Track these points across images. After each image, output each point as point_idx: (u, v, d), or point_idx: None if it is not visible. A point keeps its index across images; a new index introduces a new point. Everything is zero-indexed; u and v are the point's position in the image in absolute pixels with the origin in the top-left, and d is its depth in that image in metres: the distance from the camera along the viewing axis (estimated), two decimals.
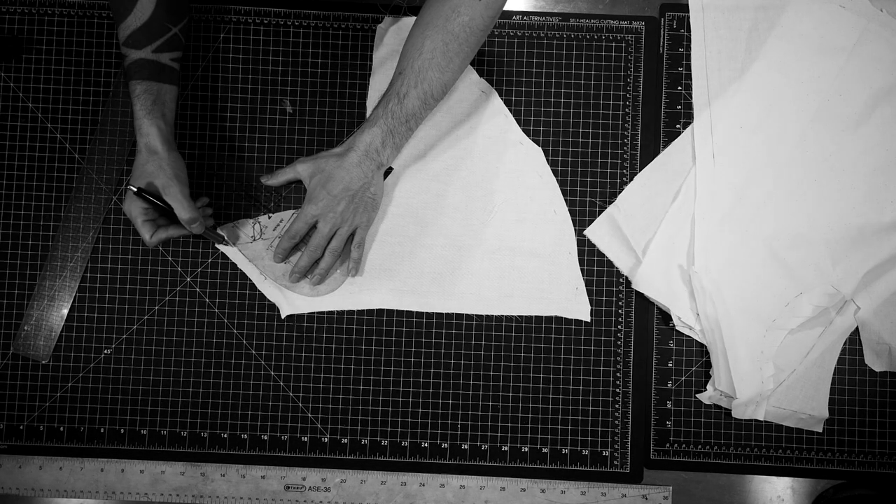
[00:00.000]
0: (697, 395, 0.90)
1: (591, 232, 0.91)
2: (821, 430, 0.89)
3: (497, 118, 0.92)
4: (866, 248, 0.89)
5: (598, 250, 0.91)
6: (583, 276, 0.91)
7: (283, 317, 0.91)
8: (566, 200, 0.92)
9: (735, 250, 0.89)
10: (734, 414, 0.88)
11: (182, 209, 0.82)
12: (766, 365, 0.88)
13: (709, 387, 0.89)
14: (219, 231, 0.89)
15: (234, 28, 0.93)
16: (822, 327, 0.89)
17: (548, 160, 0.92)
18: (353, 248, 0.88)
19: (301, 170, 0.86)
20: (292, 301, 0.91)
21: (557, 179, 0.92)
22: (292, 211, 0.91)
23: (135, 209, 0.83)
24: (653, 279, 0.89)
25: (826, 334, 0.89)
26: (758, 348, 0.88)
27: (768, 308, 0.89)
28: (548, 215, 0.91)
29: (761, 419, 0.89)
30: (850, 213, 0.89)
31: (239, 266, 0.91)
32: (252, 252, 0.90)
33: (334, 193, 0.84)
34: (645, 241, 0.90)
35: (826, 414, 0.89)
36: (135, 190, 0.82)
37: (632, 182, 0.91)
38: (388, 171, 0.92)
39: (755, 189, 0.90)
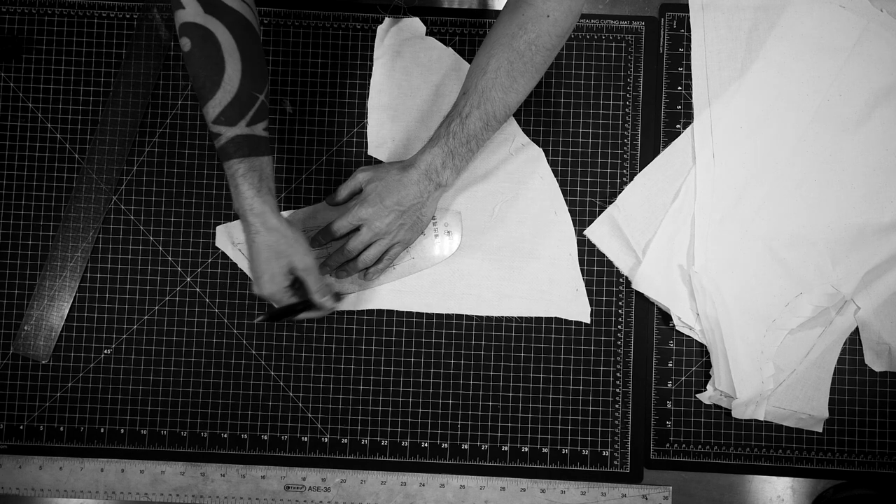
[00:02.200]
0: (697, 395, 0.90)
1: (590, 232, 0.91)
2: (821, 430, 0.89)
3: None
4: (866, 247, 0.89)
5: (598, 251, 0.91)
6: (583, 276, 0.91)
7: None
8: (566, 200, 0.92)
9: (735, 250, 0.89)
10: (734, 414, 0.88)
11: (315, 282, 0.81)
12: (766, 365, 0.88)
13: (709, 387, 0.89)
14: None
15: None
16: (822, 327, 0.89)
17: (548, 160, 0.92)
18: (381, 263, 0.87)
19: (361, 178, 0.84)
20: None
21: (558, 179, 0.92)
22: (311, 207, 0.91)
23: (276, 290, 0.80)
24: (653, 279, 0.89)
25: (826, 334, 0.89)
26: (758, 348, 0.88)
27: (768, 308, 0.89)
28: (548, 217, 0.91)
29: (761, 419, 0.89)
30: (850, 213, 0.89)
31: (239, 266, 0.91)
32: None
33: (386, 204, 0.82)
34: (645, 241, 0.90)
35: (826, 414, 0.89)
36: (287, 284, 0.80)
37: (632, 182, 0.91)
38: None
39: (755, 189, 0.90)
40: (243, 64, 0.77)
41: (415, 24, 0.92)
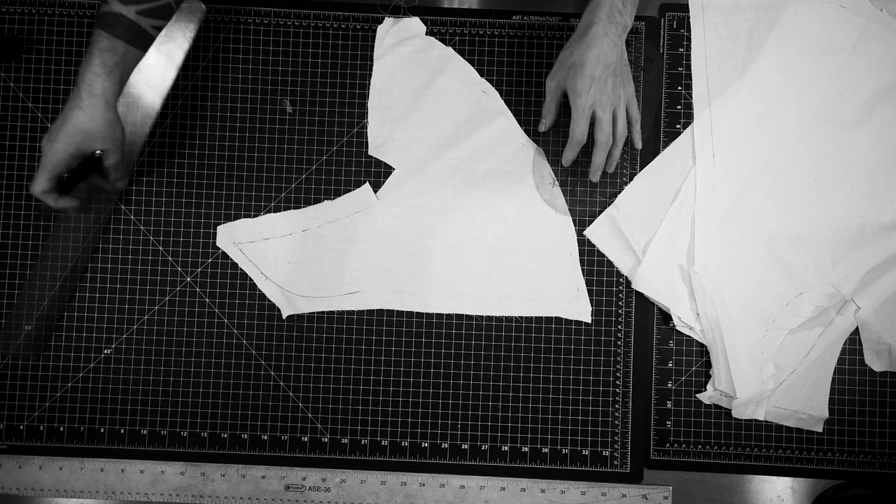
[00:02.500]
0: (697, 395, 0.90)
1: (590, 232, 0.91)
2: (821, 430, 0.89)
3: (498, 119, 0.92)
4: (866, 247, 0.89)
5: (599, 251, 0.91)
6: (583, 275, 0.91)
7: (284, 317, 0.91)
8: (566, 200, 0.92)
9: (735, 250, 0.89)
10: (734, 414, 0.88)
11: (117, 176, 0.81)
12: (766, 365, 0.88)
13: (709, 387, 0.89)
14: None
15: (234, 28, 0.93)
16: (822, 327, 0.89)
17: (548, 160, 0.92)
18: (633, 124, 0.85)
19: (552, 84, 0.82)
20: (293, 301, 0.91)
21: (558, 179, 0.92)
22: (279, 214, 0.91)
23: (54, 161, 0.77)
24: (653, 279, 0.89)
25: (826, 334, 0.89)
26: (758, 348, 0.88)
27: (768, 308, 0.89)
28: (549, 216, 0.91)
29: (761, 419, 0.89)
30: (851, 213, 0.89)
31: (240, 266, 0.91)
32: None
33: (597, 76, 0.79)
34: (645, 241, 0.90)
35: (826, 414, 0.89)
36: (98, 154, 0.78)
37: (632, 182, 0.91)
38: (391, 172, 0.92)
39: (755, 189, 0.90)
40: None
41: (415, 24, 0.92)
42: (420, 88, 0.92)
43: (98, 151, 0.79)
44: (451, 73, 0.92)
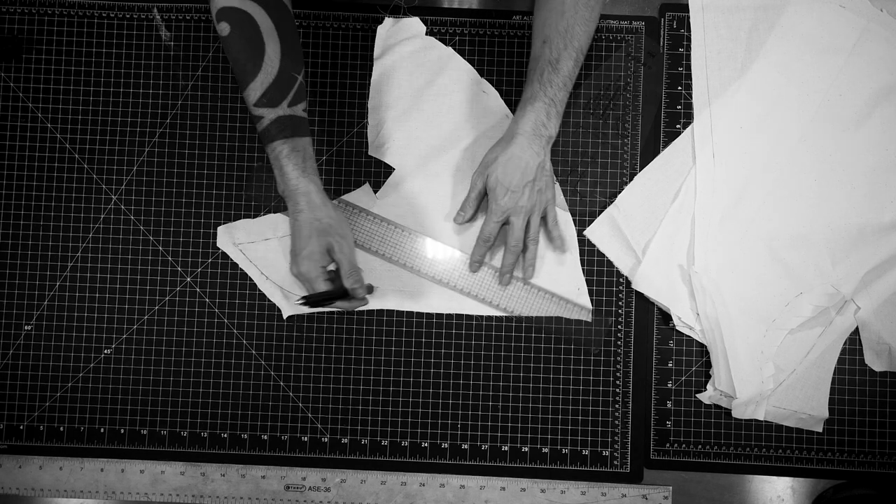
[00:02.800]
0: (697, 395, 0.90)
1: (590, 232, 0.91)
2: (821, 430, 0.89)
3: (499, 119, 0.92)
4: (866, 247, 0.89)
5: (599, 251, 0.91)
6: (583, 275, 0.91)
7: (284, 317, 0.91)
8: (566, 200, 0.92)
9: (735, 250, 0.89)
10: (734, 414, 0.88)
11: (351, 270, 0.81)
12: (766, 365, 0.88)
13: (709, 387, 0.89)
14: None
15: None
16: (822, 327, 0.89)
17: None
18: (551, 229, 0.88)
19: (476, 181, 0.86)
20: (294, 301, 0.90)
21: (558, 179, 0.92)
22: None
23: (313, 269, 0.80)
24: (653, 279, 0.89)
25: (826, 334, 0.89)
26: (758, 348, 0.88)
27: (768, 308, 0.89)
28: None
29: (761, 419, 0.88)
30: (850, 213, 0.89)
31: (240, 266, 0.91)
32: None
33: (514, 186, 0.83)
34: (644, 241, 0.90)
35: (826, 414, 0.89)
36: (331, 269, 0.81)
37: (631, 182, 0.91)
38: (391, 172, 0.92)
39: (755, 189, 0.90)
40: (282, 45, 0.78)
41: (415, 24, 0.92)
42: (420, 88, 0.92)
43: (332, 242, 0.80)
44: (451, 73, 0.92)
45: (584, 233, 0.91)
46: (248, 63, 0.77)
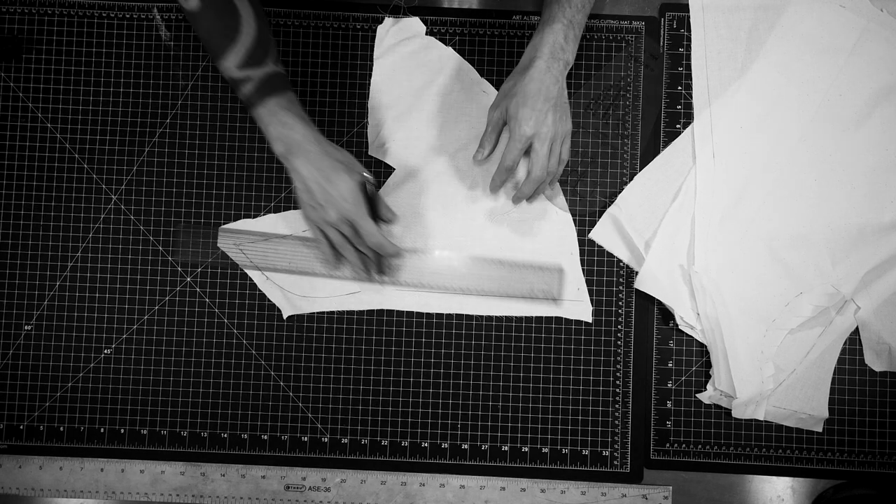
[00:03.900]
0: (697, 395, 0.89)
1: (595, 235, 0.91)
2: (821, 430, 0.89)
3: None
4: (866, 247, 0.88)
5: (598, 251, 0.91)
6: (583, 275, 0.91)
7: (284, 317, 0.91)
8: (566, 200, 0.91)
9: (735, 250, 0.89)
10: (734, 414, 0.88)
11: (384, 203, 0.85)
12: (765, 365, 0.87)
13: (709, 386, 0.89)
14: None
15: None
16: (821, 327, 0.89)
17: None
18: (562, 157, 0.84)
19: (495, 114, 0.82)
20: (293, 301, 0.90)
21: (559, 179, 0.91)
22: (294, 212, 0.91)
23: (358, 201, 0.79)
24: (656, 278, 0.89)
25: (826, 334, 0.89)
26: (758, 348, 0.88)
27: (768, 308, 0.88)
28: (550, 215, 0.91)
29: (761, 419, 0.88)
30: (851, 213, 0.89)
31: (240, 266, 0.91)
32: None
33: (538, 108, 0.79)
34: (645, 240, 0.90)
35: (826, 414, 0.88)
36: (372, 181, 0.81)
37: (632, 182, 0.91)
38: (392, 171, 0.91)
39: (755, 189, 0.89)
40: (253, 7, 0.77)
41: (415, 24, 0.92)
42: (420, 88, 0.92)
43: (364, 175, 0.81)
44: (451, 73, 0.92)
45: (590, 236, 0.90)
46: (225, 29, 0.76)
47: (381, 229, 0.82)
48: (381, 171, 0.91)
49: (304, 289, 0.90)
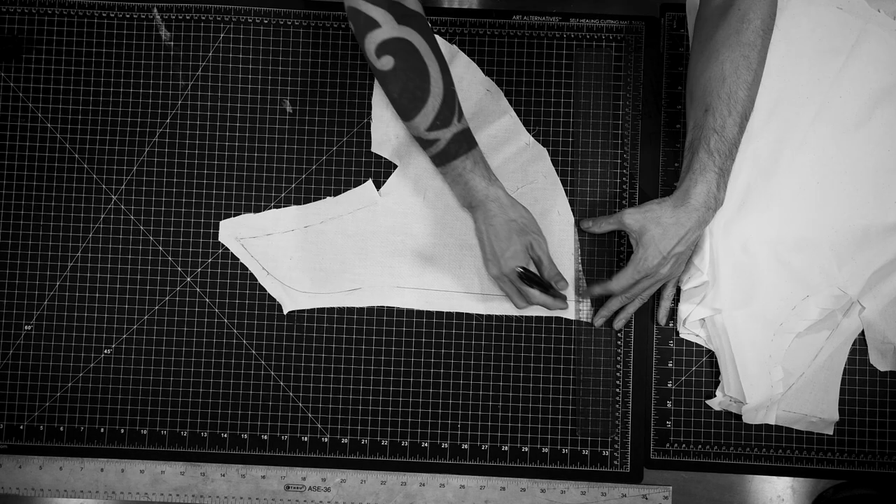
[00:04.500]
0: (707, 402, 0.88)
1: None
2: (832, 433, 0.88)
3: (503, 118, 0.91)
4: (871, 248, 0.87)
5: (598, 250, 0.91)
6: (584, 276, 0.91)
7: (285, 312, 0.90)
8: (566, 200, 0.91)
9: (739, 255, 0.87)
10: (745, 419, 0.86)
11: (551, 264, 0.83)
12: (774, 369, 0.86)
13: (718, 393, 0.88)
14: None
15: (234, 28, 0.92)
16: (828, 330, 0.87)
17: (550, 160, 0.92)
18: (663, 301, 0.88)
19: (630, 222, 0.81)
20: (294, 297, 0.90)
21: (560, 179, 0.91)
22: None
23: (517, 260, 0.81)
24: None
25: (833, 337, 0.87)
26: (765, 353, 0.86)
27: (775, 312, 0.86)
28: (552, 216, 0.91)
29: (773, 424, 0.87)
30: (854, 215, 0.87)
31: (241, 261, 0.91)
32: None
33: (669, 252, 0.80)
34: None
35: (836, 417, 0.87)
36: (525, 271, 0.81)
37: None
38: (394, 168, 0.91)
39: (758, 193, 0.88)
40: (439, 63, 0.77)
41: None
42: None
43: (534, 237, 0.82)
44: (456, 71, 0.91)
45: None
46: (417, 90, 0.76)
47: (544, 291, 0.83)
48: (382, 170, 0.91)
49: (304, 284, 0.89)
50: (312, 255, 0.90)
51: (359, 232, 0.90)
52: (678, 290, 0.89)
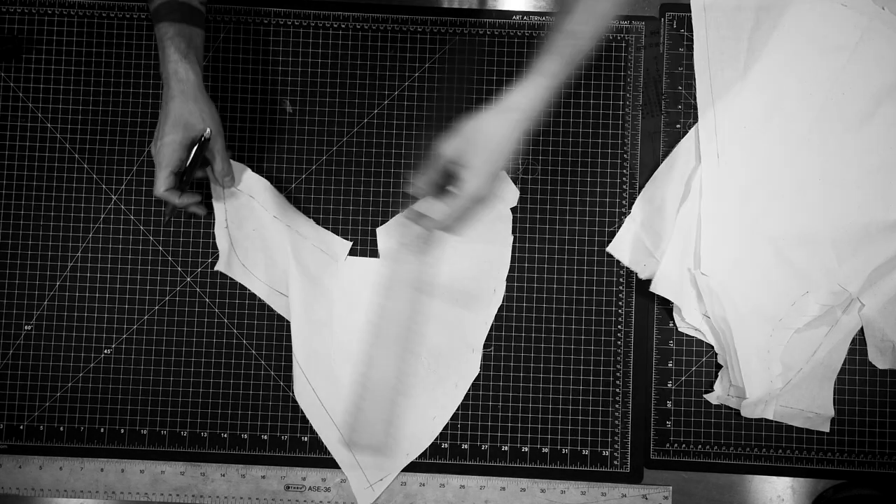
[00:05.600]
0: (705, 396, 0.88)
1: (612, 249, 0.89)
2: (828, 430, 0.88)
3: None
4: (872, 245, 0.86)
5: (598, 250, 0.91)
6: (583, 275, 0.91)
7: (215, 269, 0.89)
8: (566, 199, 0.91)
9: (741, 250, 0.86)
10: (743, 413, 0.85)
11: (222, 161, 0.80)
12: (773, 364, 0.86)
13: (716, 387, 0.87)
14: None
15: (234, 28, 0.92)
16: (828, 326, 0.86)
17: (547, 160, 0.90)
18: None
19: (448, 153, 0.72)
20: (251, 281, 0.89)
21: (557, 179, 0.91)
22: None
23: (169, 156, 0.77)
24: (671, 281, 0.86)
25: (832, 333, 0.87)
26: (764, 348, 0.85)
27: (774, 307, 0.85)
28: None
29: (771, 418, 0.87)
30: (856, 212, 0.86)
31: (218, 244, 0.90)
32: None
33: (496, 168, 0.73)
34: (663, 245, 0.89)
35: (831, 412, 0.86)
36: (206, 136, 0.77)
37: (643, 190, 0.89)
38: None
39: (760, 189, 0.88)
40: None
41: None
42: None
43: (207, 130, 0.78)
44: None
45: (607, 250, 0.89)
46: None
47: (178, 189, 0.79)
48: (382, 170, 0.91)
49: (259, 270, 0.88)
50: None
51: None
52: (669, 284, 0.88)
